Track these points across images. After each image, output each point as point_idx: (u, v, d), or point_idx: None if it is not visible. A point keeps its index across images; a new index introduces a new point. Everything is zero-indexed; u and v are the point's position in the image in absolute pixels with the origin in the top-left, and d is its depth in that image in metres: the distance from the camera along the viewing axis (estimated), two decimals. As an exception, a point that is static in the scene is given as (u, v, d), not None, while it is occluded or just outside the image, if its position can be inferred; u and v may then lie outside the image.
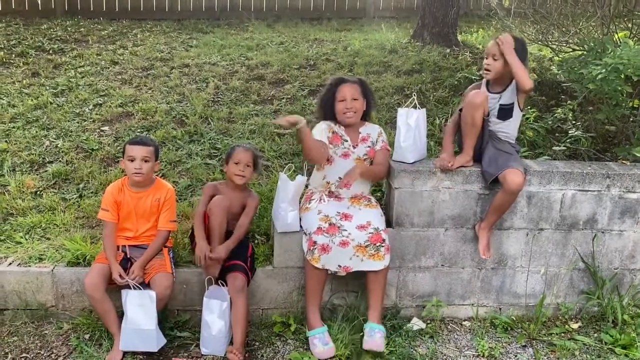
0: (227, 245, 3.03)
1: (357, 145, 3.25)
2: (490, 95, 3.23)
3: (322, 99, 3.33)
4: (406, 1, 9.18)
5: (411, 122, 3.27)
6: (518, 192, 3.09)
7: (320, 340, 2.97)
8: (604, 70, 3.33)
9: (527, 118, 4.34)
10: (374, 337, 2.98)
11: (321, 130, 3.21)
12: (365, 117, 3.34)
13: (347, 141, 3.23)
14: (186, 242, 3.33)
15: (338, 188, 3.23)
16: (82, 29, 7.49)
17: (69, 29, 7.47)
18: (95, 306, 2.90)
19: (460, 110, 3.28)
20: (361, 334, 3.05)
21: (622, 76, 3.35)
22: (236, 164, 3.17)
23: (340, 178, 3.21)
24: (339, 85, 3.22)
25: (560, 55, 4.90)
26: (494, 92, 3.25)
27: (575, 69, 3.73)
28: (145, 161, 3.00)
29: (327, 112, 3.27)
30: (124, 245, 3.07)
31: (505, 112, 3.23)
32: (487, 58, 3.22)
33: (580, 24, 4.97)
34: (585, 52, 3.95)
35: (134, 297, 2.84)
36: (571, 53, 4.66)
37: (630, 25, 4.33)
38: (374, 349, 2.96)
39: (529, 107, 4.33)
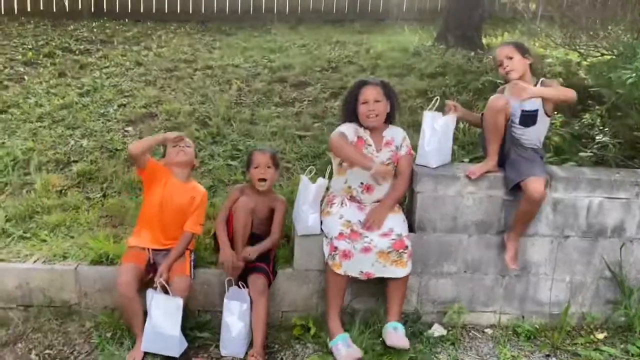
0: (259, 248, 3.04)
1: (380, 149, 3.20)
2: (513, 100, 3.18)
3: (345, 102, 3.31)
4: (430, 3, 9.11)
5: (437, 126, 3.23)
6: (540, 200, 3.04)
7: (344, 345, 2.93)
8: (634, 74, 3.26)
9: (554, 123, 4.26)
10: (398, 332, 2.96)
11: (347, 130, 3.14)
12: (390, 119, 3.29)
13: (370, 145, 3.18)
14: (207, 243, 3.34)
15: (360, 194, 3.19)
16: (108, 30, 7.60)
17: (94, 30, 7.58)
18: (126, 305, 2.90)
19: (482, 114, 3.23)
20: (380, 339, 3.03)
21: (653, 81, 3.27)
22: (256, 168, 3.18)
23: (362, 183, 3.17)
24: (362, 88, 3.18)
25: (588, 60, 4.81)
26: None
27: (604, 73, 3.66)
28: (188, 146, 3.17)
29: (350, 114, 3.22)
30: (149, 249, 3.08)
31: (527, 119, 3.16)
32: (500, 64, 3.19)
33: (610, 27, 4.87)
34: (614, 57, 3.88)
35: (161, 302, 2.85)
36: (600, 57, 4.57)
37: (661, 29, 4.24)
38: (398, 344, 2.92)
39: (555, 112, 4.25)
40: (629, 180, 3.23)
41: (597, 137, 4.17)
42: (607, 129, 4.25)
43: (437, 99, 3.34)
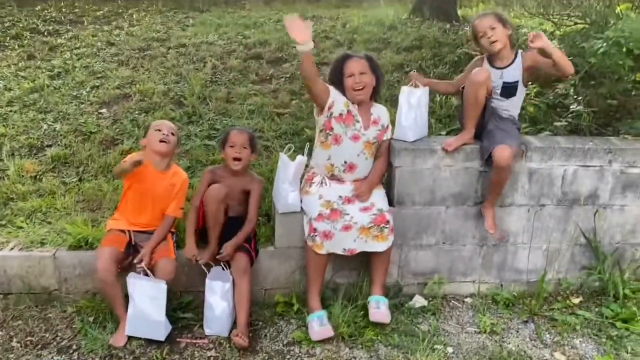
0: (236, 242, 3.02)
1: (368, 127, 3.15)
2: (493, 72, 3.19)
3: (330, 76, 3.22)
4: (405, -24, 9.04)
5: (413, 100, 3.24)
6: (506, 167, 3.06)
7: (318, 322, 2.97)
8: (605, 44, 3.28)
9: (528, 94, 4.30)
10: (380, 309, 3.01)
11: (337, 96, 3.09)
12: (375, 96, 3.24)
13: (358, 122, 3.12)
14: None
15: (342, 172, 3.17)
16: (77, 10, 7.40)
17: (63, 10, 7.38)
18: (106, 290, 2.90)
19: (463, 88, 3.23)
20: (362, 312, 3.08)
21: (624, 50, 3.30)
22: (231, 147, 3.13)
23: (345, 162, 3.15)
24: (346, 61, 3.12)
25: (561, 29, 4.83)
26: (496, 68, 3.22)
27: (577, 43, 3.69)
28: (172, 134, 3.10)
29: (337, 89, 3.14)
30: (129, 230, 3.07)
31: (508, 90, 3.19)
32: (483, 35, 3.17)
33: (582, -4, 4.89)
34: (587, 26, 3.90)
35: (145, 287, 2.84)
36: (573, 27, 4.59)
37: (633, -4, 4.26)
38: (381, 320, 2.99)
39: (530, 83, 4.28)
40: (602, 148, 3.28)
41: (571, 106, 4.22)
42: (580, 98, 4.30)
43: (414, 72, 3.33)
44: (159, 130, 3.07)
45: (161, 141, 3.03)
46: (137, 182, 3.03)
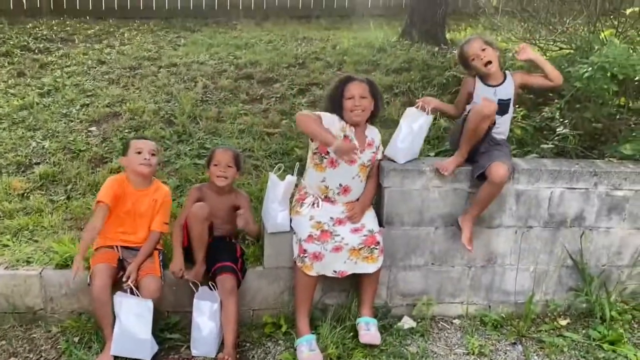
0: (249, 218, 3.12)
1: (363, 150, 3.16)
2: (487, 89, 3.27)
3: (330, 96, 3.23)
4: (395, -1, 9.20)
5: (415, 125, 3.25)
6: (501, 184, 3.08)
7: (307, 347, 2.95)
8: (590, 68, 3.36)
9: (515, 116, 4.35)
10: (370, 330, 3.01)
11: (332, 122, 3.08)
12: (372, 120, 3.26)
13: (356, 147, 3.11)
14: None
15: (336, 194, 3.16)
16: (69, 28, 7.41)
17: (55, 28, 7.39)
18: (99, 308, 2.86)
19: (467, 112, 3.22)
20: (351, 333, 3.07)
21: (609, 74, 3.37)
22: (216, 165, 3.14)
23: (340, 185, 3.14)
24: (348, 83, 3.13)
25: (547, 54, 4.93)
26: (489, 86, 3.29)
27: (563, 67, 3.76)
28: (153, 154, 3.08)
29: (335, 110, 3.15)
30: (117, 246, 3.05)
31: (502, 107, 3.25)
32: (475, 58, 3.23)
33: (568, 22, 5.00)
34: (572, 51, 3.98)
35: (132, 306, 2.82)
36: (559, 51, 4.69)
37: (616, 23, 4.36)
38: (371, 342, 2.98)
39: (517, 106, 4.35)
40: (588, 170, 3.33)
41: (557, 129, 4.28)
42: (567, 121, 4.37)
43: (420, 104, 3.30)
44: (140, 152, 3.04)
45: (142, 164, 3.02)
46: (118, 205, 3.02)
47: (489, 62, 3.22)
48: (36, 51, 6.40)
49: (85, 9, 8.39)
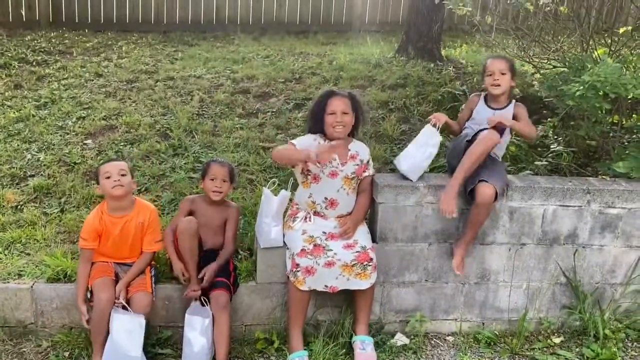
0: (213, 268, 3.02)
1: (345, 162, 3.19)
2: (487, 111, 3.32)
3: (312, 111, 3.29)
4: (392, 15, 9.27)
5: (432, 142, 3.26)
6: (487, 204, 3.08)
7: None
8: (582, 87, 3.38)
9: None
10: (366, 350, 3.00)
11: (308, 143, 3.15)
12: (354, 132, 3.30)
13: (335, 159, 3.16)
14: (168, 258, 3.29)
15: (324, 209, 3.18)
16: (67, 41, 7.45)
17: (53, 40, 7.42)
18: (98, 322, 2.83)
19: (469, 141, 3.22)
20: (344, 350, 3.05)
21: (600, 93, 3.40)
22: (212, 180, 3.15)
23: (326, 198, 3.17)
24: (330, 98, 3.17)
25: (541, 72, 4.97)
26: (491, 108, 3.34)
27: (556, 85, 3.79)
28: (122, 175, 2.97)
29: (317, 124, 3.21)
30: (111, 262, 3.05)
31: (501, 131, 3.26)
32: (491, 74, 3.28)
33: (561, 40, 5.05)
34: (565, 69, 4.02)
35: (123, 322, 2.80)
36: (552, 70, 4.73)
37: (609, 42, 4.41)
38: None
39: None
40: (581, 188, 3.35)
41: (551, 146, 4.30)
42: (560, 138, 4.40)
43: (434, 123, 3.31)
44: (109, 177, 2.96)
45: (114, 187, 2.96)
46: (103, 240, 3.01)
47: (497, 86, 3.26)
48: (34, 63, 6.42)
49: (84, 22, 8.44)
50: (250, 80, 6.02)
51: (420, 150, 3.27)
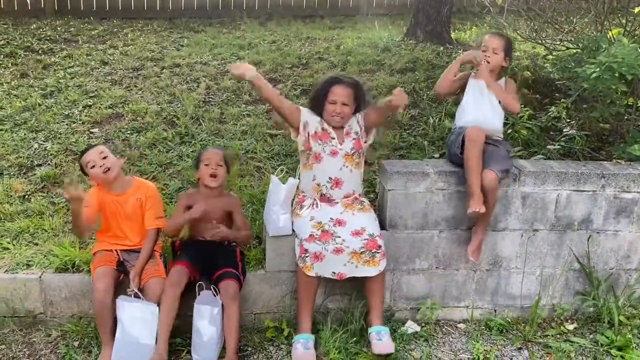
0: (228, 233, 3.06)
1: (343, 141, 3.15)
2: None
3: (314, 95, 3.24)
4: (399, -2, 9.14)
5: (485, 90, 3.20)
6: (491, 190, 3.02)
7: (302, 345, 2.93)
8: (597, 69, 3.29)
9: (521, 117, 4.30)
10: (383, 339, 2.96)
11: (311, 117, 3.15)
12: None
13: (334, 138, 3.14)
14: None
15: (329, 189, 3.15)
16: (72, 29, 7.40)
17: (58, 28, 7.38)
18: (101, 312, 2.82)
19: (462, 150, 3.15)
20: (355, 338, 3.03)
21: (616, 74, 3.31)
22: (206, 165, 3.09)
23: (330, 178, 3.13)
24: (333, 85, 3.12)
25: (554, 54, 4.87)
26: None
27: (570, 67, 3.70)
28: (104, 157, 2.96)
29: (317, 108, 3.18)
30: (117, 250, 3.02)
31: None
32: (484, 50, 3.24)
33: (574, 21, 4.94)
34: (579, 50, 3.92)
35: (135, 310, 2.79)
36: (565, 51, 4.63)
37: (624, 21, 4.29)
38: (385, 351, 2.92)
39: (522, 106, 4.29)
40: (595, 172, 3.27)
41: (564, 130, 4.22)
42: (573, 121, 4.31)
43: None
44: (93, 166, 2.94)
45: (104, 172, 2.94)
46: (104, 211, 2.99)
47: (488, 62, 3.20)
48: (39, 52, 6.39)
49: (89, 10, 8.38)
50: (257, 66, 5.93)
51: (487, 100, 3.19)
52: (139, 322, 2.78)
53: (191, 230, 3.19)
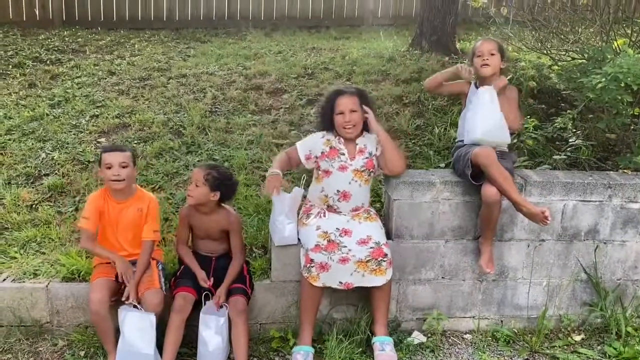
0: (226, 285, 3.00)
1: (354, 157, 3.17)
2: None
3: (321, 112, 3.28)
4: (405, 9, 9.18)
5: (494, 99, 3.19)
6: (493, 203, 3.03)
7: (303, 357, 2.93)
8: (603, 79, 3.30)
9: (527, 127, 4.29)
10: (385, 350, 2.96)
11: (314, 142, 3.19)
12: (365, 127, 3.25)
13: (344, 154, 3.15)
14: (175, 256, 3.27)
15: (336, 202, 3.16)
16: (80, 39, 7.48)
17: (66, 39, 7.45)
18: (98, 323, 2.84)
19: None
20: (360, 349, 3.01)
21: (622, 85, 3.31)
22: (108, 168, 2.95)
23: (338, 191, 3.14)
24: (337, 97, 3.15)
25: (559, 64, 4.87)
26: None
27: (575, 77, 3.70)
28: (124, 167, 2.94)
29: (326, 123, 3.21)
30: (113, 262, 3.02)
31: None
32: (480, 55, 3.26)
33: (580, 31, 4.94)
34: (584, 61, 3.92)
35: (134, 320, 2.79)
36: (571, 61, 4.63)
37: (629, 32, 4.30)
38: None
39: (528, 116, 4.29)
40: (602, 182, 3.27)
41: (570, 140, 4.20)
42: (579, 131, 4.30)
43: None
44: (110, 167, 2.93)
45: (113, 180, 2.93)
46: (103, 219, 3.00)
47: (487, 66, 3.22)
48: (47, 62, 6.45)
49: (96, 20, 8.47)
50: (263, 76, 5.99)
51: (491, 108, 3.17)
52: (138, 331, 2.79)
53: (194, 246, 3.19)
